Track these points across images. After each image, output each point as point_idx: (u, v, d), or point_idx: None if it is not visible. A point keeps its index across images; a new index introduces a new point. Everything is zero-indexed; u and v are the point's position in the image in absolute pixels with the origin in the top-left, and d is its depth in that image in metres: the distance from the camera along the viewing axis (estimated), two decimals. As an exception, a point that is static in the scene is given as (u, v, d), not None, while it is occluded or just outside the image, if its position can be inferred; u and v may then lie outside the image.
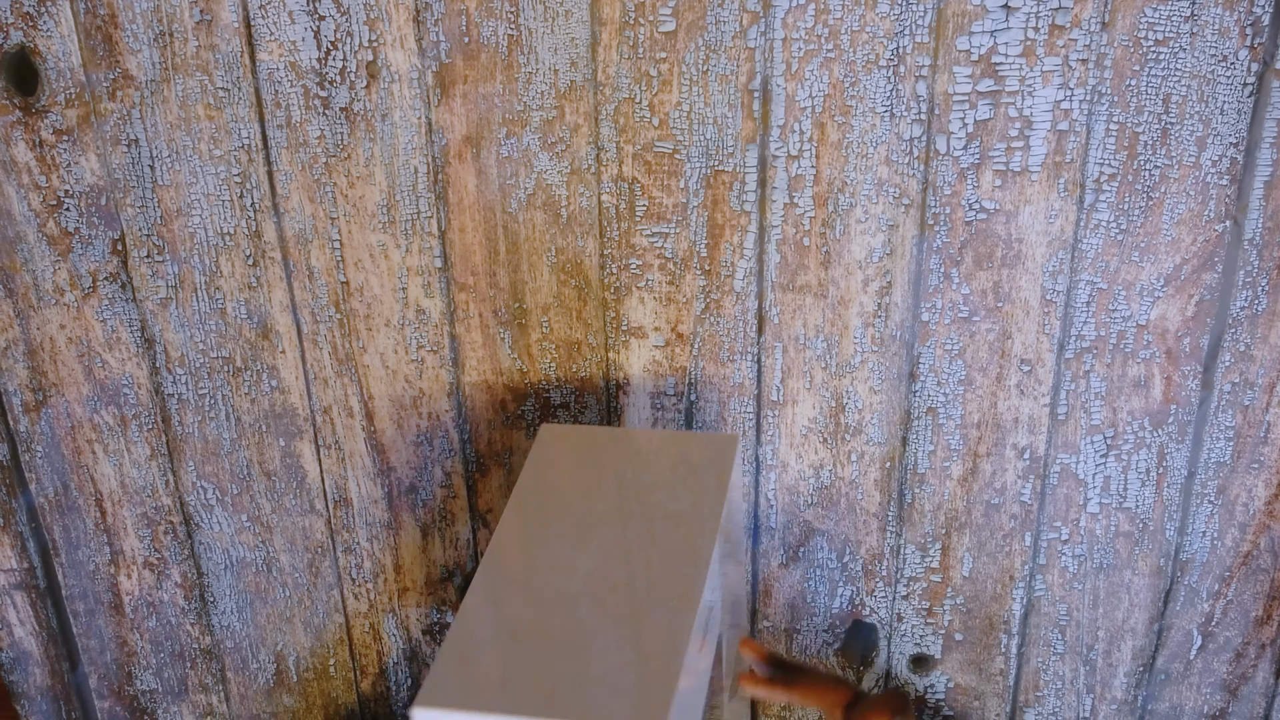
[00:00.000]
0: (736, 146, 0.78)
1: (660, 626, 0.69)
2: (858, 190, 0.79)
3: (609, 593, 0.72)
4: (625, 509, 0.76)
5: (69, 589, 0.99)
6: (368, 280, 0.86)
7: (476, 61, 0.78)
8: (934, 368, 0.84)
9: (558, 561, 0.74)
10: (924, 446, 0.87)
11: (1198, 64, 0.72)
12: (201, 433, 0.92)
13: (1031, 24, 0.72)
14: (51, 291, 0.87)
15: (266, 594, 0.98)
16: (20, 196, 0.84)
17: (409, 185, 0.82)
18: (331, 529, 0.96)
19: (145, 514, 0.96)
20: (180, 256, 0.86)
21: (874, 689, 0.96)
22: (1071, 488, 0.87)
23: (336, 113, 0.80)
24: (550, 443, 0.83)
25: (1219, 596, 0.89)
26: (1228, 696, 0.93)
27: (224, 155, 0.82)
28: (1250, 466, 0.84)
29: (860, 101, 0.76)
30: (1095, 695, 0.95)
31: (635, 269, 0.83)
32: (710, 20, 0.75)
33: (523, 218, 0.82)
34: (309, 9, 0.77)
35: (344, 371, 0.89)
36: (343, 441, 0.92)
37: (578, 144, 0.80)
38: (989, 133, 0.76)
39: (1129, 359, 0.82)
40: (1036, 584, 0.91)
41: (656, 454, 0.81)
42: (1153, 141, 0.75)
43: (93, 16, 0.78)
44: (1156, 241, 0.78)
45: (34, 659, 1.01)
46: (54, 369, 0.90)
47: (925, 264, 0.81)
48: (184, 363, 0.90)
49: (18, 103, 0.81)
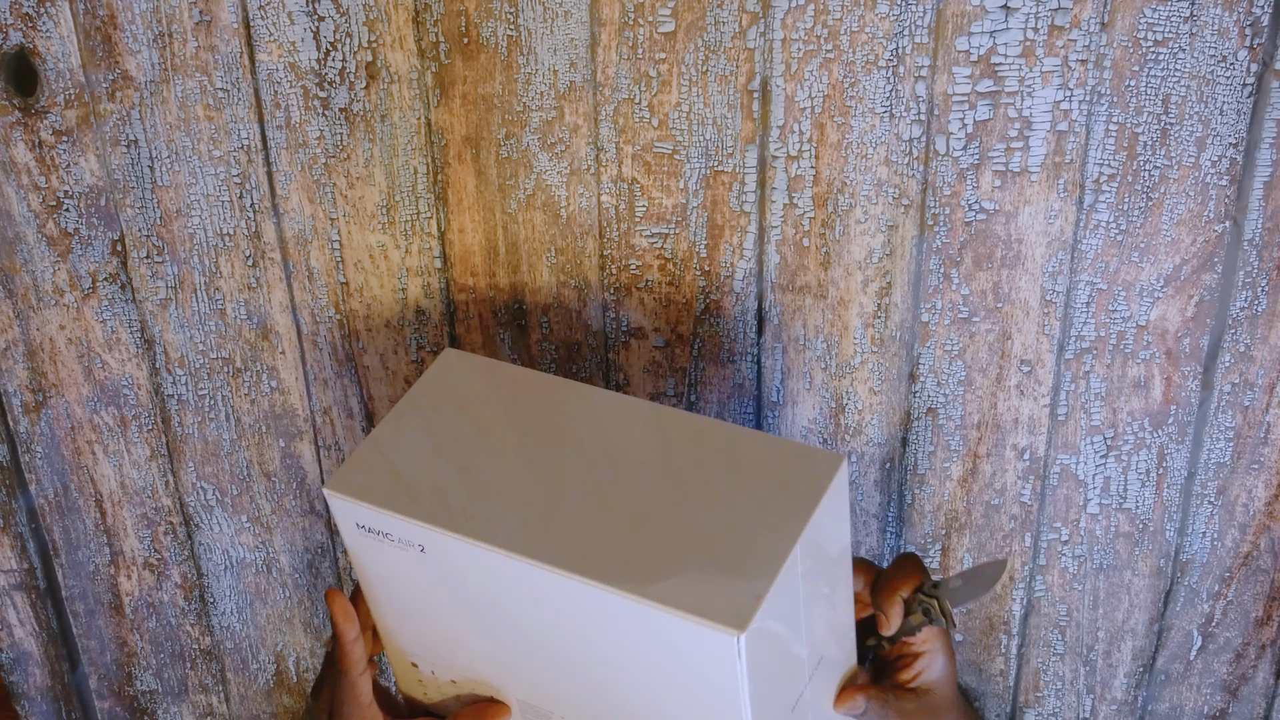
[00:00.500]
0: (736, 147, 0.78)
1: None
2: (857, 191, 0.79)
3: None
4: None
5: (69, 590, 0.99)
6: (367, 281, 0.86)
7: (476, 62, 0.78)
8: (934, 368, 0.84)
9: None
10: (924, 447, 0.87)
11: (1197, 64, 0.72)
12: (201, 433, 0.92)
13: (1031, 24, 0.72)
14: (51, 292, 0.87)
15: (266, 595, 0.99)
16: (20, 197, 0.84)
17: (409, 186, 0.82)
18: (331, 530, 0.96)
19: (145, 515, 0.96)
20: (180, 257, 0.86)
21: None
22: (1071, 488, 0.87)
23: (336, 113, 0.80)
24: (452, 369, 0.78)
25: (1219, 597, 0.89)
26: (1228, 697, 0.93)
27: (223, 156, 0.82)
28: (1250, 467, 0.84)
29: (859, 102, 0.76)
30: (1095, 696, 0.95)
31: (635, 269, 0.83)
32: (710, 21, 0.75)
33: (522, 218, 0.82)
34: (308, 10, 0.77)
35: (344, 372, 0.89)
36: (343, 442, 0.92)
37: (577, 144, 0.80)
38: (988, 133, 0.76)
39: (1129, 360, 0.82)
40: (1036, 584, 0.91)
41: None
42: (1152, 142, 0.75)
43: (92, 17, 0.78)
44: (1156, 242, 0.78)
45: (34, 659, 1.01)
46: (54, 370, 0.90)
47: (925, 264, 0.81)
48: (184, 363, 0.90)
49: (17, 103, 0.81)
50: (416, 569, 0.69)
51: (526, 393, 0.75)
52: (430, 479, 0.70)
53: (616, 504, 0.67)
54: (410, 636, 0.75)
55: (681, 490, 0.68)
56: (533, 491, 0.69)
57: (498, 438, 0.72)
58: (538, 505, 0.68)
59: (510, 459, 0.71)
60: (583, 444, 0.71)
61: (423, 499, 0.68)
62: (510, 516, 0.67)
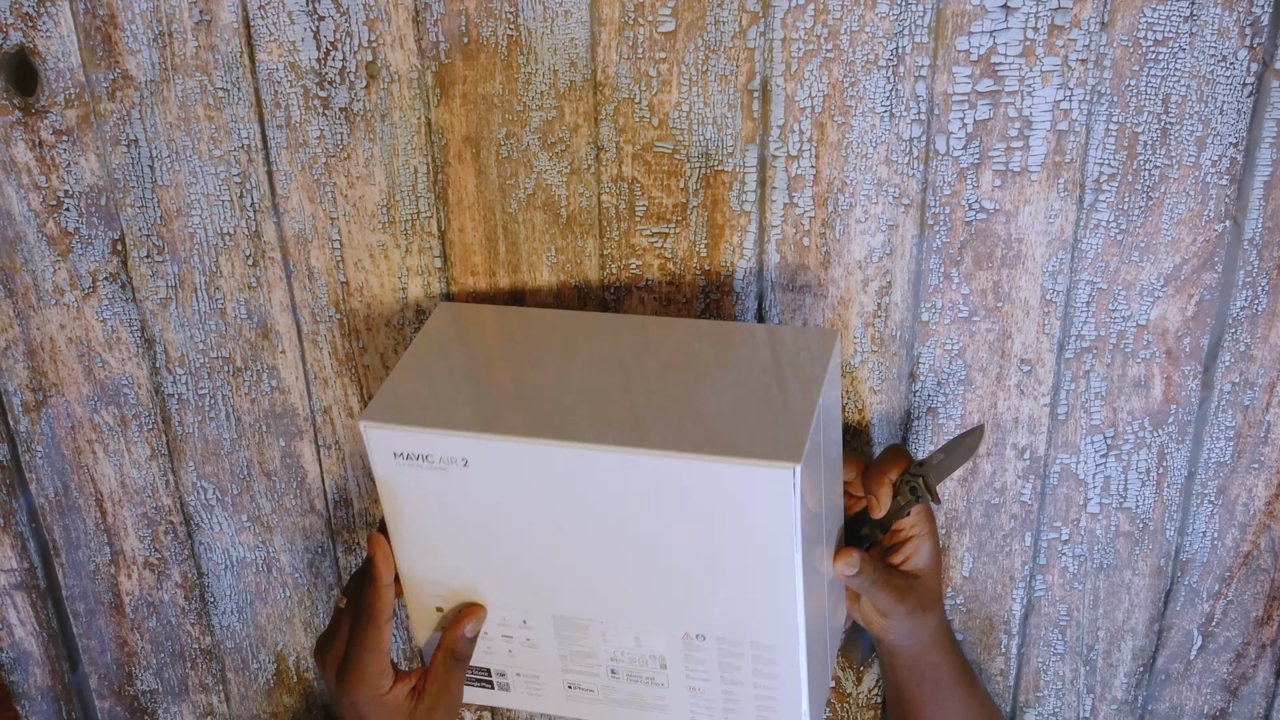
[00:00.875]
0: (736, 147, 0.78)
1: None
2: (857, 190, 0.79)
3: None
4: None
5: (69, 589, 0.99)
6: (368, 280, 0.86)
7: (476, 62, 0.78)
8: (934, 368, 0.84)
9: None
10: (924, 447, 0.87)
11: (1197, 64, 0.72)
12: (201, 433, 0.92)
13: (1031, 24, 0.72)
14: (51, 291, 0.87)
15: (267, 594, 0.99)
16: (20, 197, 0.84)
17: (409, 185, 0.82)
18: (332, 529, 0.96)
19: (145, 514, 0.96)
20: (180, 256, 0.86)
21: (874, 689, 0.96)
22: (1071, 488, 0.87)
23: (336, 113, 0.80)
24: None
25: (1219, 597, 0.89)
26: (1228, 697, 0.93)
27: (224, 155, 0.82)
28: (1250, 466, 0.84)
29: (860, 102, 0.76)
30: (1095, 695, 0.95)
31: (635, 269, 0.83)
32: (710, 20, 0.75)
33: (522, 218, 0.82)
34: (308, 9, 0.77)
35: (344, 371, 0.89)
36: (343, 442, 0.92)
37: (577, 144, 0.80)
38: (988, 133, 0.76)
39: (1129, 359, 0.82)
40: (1036, 584, 0.91)
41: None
42: (1152, 141, 0.75)
43: (92, 17, 0.78)
44: (1156, 241, 0.78)
45: (34, 659, 1.01)
46: (54, 369, 0.90)
47: (925, 264, 0.81)
48: (184, 363, 0.90)
49: (17, 103, 0.81)
50: (457, 490, 0.71)
51: (528, 322, 0.80)
52: (462, 397, 0.73)
53: (643, 391, 0.72)
54: (439, 575, 0.77)
55: (699, 373, 0.73)
56: (563, 392, 0.72)
57: (513, 358, 0.76)
58: (572, 402, 0.71)
59: (531, 372, 0.74)
60: (596, 351, 0.76)
61: (461, 413, 0.71)
62: (550, 414, 0.70)
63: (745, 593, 0.72)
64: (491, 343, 0.79)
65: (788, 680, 0.74)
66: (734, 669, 0.75)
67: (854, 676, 0.96)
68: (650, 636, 0.76)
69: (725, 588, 0.72)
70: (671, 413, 0.70)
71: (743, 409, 0.70)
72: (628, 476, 0.68)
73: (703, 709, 0.78)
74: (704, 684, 0.77)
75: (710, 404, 0.71)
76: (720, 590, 0.72)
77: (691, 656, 0.76)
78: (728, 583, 0.72)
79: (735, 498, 0.67)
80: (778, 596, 0.71)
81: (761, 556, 0.69)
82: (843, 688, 0.97)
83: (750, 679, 0.75)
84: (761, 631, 0.73)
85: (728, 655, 0.75)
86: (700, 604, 0.73)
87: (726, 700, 0.77)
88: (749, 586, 0.71)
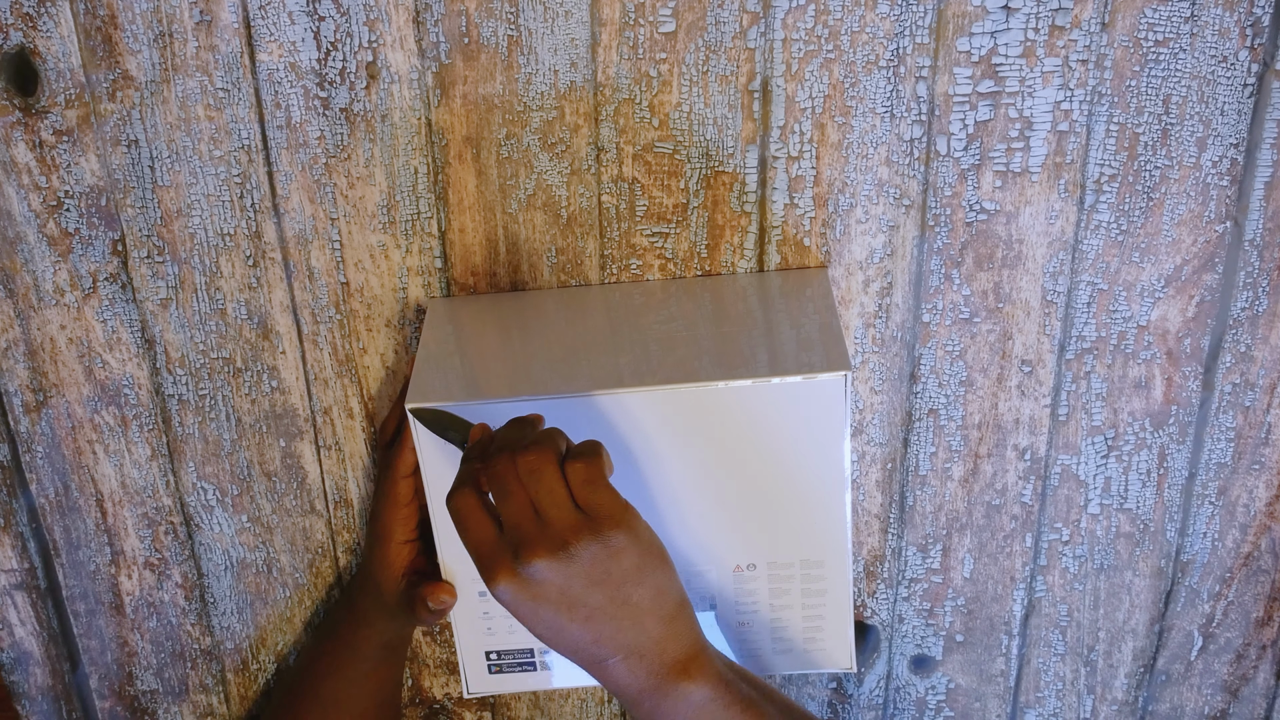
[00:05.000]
0: (737, 147, 0.78)
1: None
2: (858, 191, 0.79)
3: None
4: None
5: (69, 589, 0.99)
6: (368, 280, 0.86)
7: (476, 62, 0.78)
8: (935, 369, 0.84)
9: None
10: (925, 448, 0.87)
11: (1198, 65, 0.72)
12: (202, 433, 0.92)
13: (1031, 25, 0.72)
14: (52, 292, 0.87)
15: (267, 594, 0.99)
16: (20, 197, 0.84)
17: (409, 186, 0.82)
18: (332, 530, 0.96)
19: (146, 514, 0.96)
20: (180, 257, 0.86)
21: (875, 689, 0.96)
22: (1072, 489, 0.87)
23: (336, 113, 0.80)
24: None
25: (1220, 598, 0.89)
26: (1228, 698, 0.93)
27: (224, 156, 0.82)
28: (1251, 468, 0.84)
29: (860, 102, 0.76)
30: (1096, 696, 0.94)
31: (635, 269, 0.83)
32: (710, 21, 0.75)
33: (523, 218, 0.82)
34: (309, 10, 0.77)
35: (344, 372, 0.89)
36: (343, 442, 0.92)
37: (578, 144, 0.80)
38: (989, 134, 0.76)
39: (1130, 360, 0.82)
40: (1037, 585, 0.91)
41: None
42: (1153, 142, 0.75)
43: (92, 17, 0.78)
44: (1157, 242, 0.78)
45: (35, 659, 1.01)
46: (54, 369, 0.90)
47: (926, 265, 0.80)
48: (184, 363, 0.90)
49: (17, 103, 0.81)
50: None
51: (533, 300, 0.81)
52: (495, 370, 0.74)
53: (664, 338, 0.74)
54: None
55: (717, 315, 0.76)
56: (599, 349, 0.74)
57: (528, 330, 0.77)
58: (611, 356, 0.73)
59: (550, 338, 0.76)
60: (610, 313, 0.77)
61: (500, 382, 0.72)
62: (596, 368, 0.72)
63: (797, 511, 0.74)
64: (499, 321, 0.80)
65: (836, 595, 0.76)
66: (783, 593, 0.77)
67: (855, 677, 0.96)
68: (699, 579, 0.77)
69: (778, 510, 0.74)
70: (705, 349, 0.72)
71: (773, 336, 0.72)
72: (680, 414, 0.70)
73: (749, 644, 0.79)
74: (752, 616, 0.78)
75: (739, 338, 0.72)
76: (773, 514, 0.74)
77: (741, 589, 0.77)
78: (781, 504, 0.73)
79: (790, 414, 0.69)
80: (829, 507, 0.73)
81: (813, 470, 0.72)
82: (843, 688, 0.97)
83: (799, 600, 0.77)
84: (811, 548, 0.75)
85: (777, 580, 0.76)
86: (752, 534, 0.75)
87: (774, 628, 0.78)
88: (801, 504, 0.73)
